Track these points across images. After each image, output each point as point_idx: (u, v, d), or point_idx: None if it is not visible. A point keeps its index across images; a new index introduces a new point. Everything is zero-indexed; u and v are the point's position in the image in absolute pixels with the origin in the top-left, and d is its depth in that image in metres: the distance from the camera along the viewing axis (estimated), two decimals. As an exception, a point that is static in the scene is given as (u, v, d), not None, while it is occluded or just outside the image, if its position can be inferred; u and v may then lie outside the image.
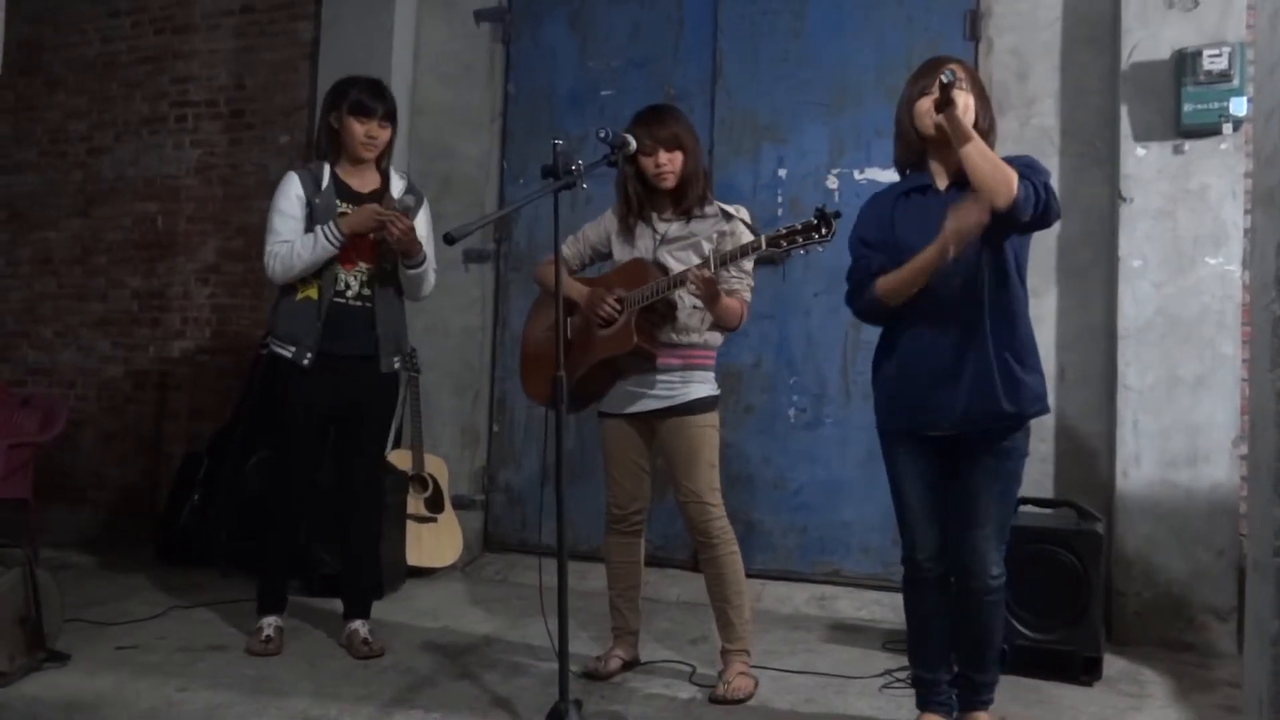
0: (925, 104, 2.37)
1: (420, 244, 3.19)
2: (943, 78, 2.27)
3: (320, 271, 3.14)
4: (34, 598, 2.94)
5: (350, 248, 3.14)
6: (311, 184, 3.17)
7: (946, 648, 2.54)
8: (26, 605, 2.93)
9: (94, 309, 5.43)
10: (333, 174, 3.22)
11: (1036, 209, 2.28)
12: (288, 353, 3.16)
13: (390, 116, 3.23)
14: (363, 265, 3.19)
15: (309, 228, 3.13)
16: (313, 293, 3.16)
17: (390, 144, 3.28)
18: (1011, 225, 2.31)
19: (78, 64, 5.56)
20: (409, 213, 3.15)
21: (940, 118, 2.31)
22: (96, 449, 5.34)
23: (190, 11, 5.31)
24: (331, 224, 3.09)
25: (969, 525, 2.41)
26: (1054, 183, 2.40)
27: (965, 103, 2.36)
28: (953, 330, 2.37)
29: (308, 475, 3.27)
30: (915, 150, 2.47)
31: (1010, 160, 2.32)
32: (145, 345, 5.32)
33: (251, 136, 5.16)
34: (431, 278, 3.33)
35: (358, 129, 3.17)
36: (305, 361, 3.14)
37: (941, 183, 2.44)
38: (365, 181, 3.26)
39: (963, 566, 2.44)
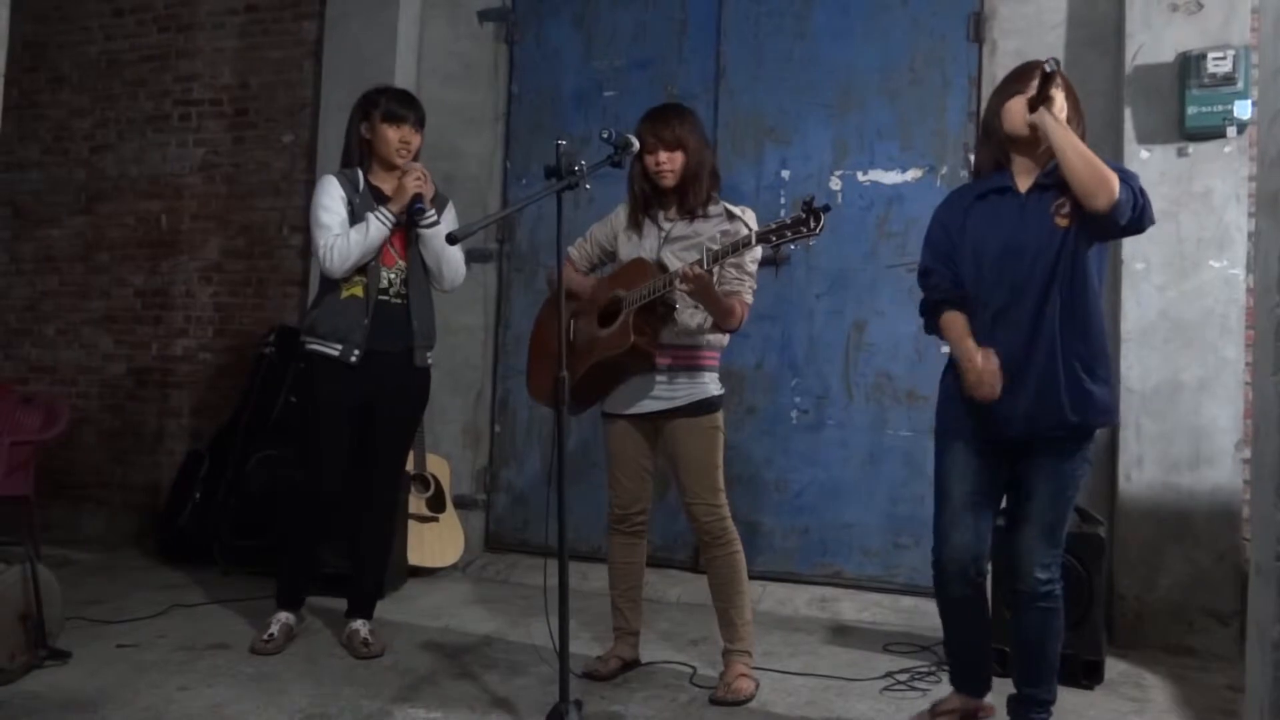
0: (1017, 103, 2.34)
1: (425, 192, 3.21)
2: (1046, 67, 2.24)
3: (364, 269, 3.16)
4: (35, 595, 2.94)
5: (388, 244, 3.19)
6: (350, 186, 3.21)
7: (986, 642, 2.53)
8: (28, 602, 2.93)
9: (96, 307, 5.44)
10: (366, 180, 3.26)
11: (1134, 212, 2.24)
12: (334, 351, 3.15)
13: (421, 123, 3.29)
14: (401, 263, 3.24)
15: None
16: (358, 290, 3.18)
17: (418, 152, 3.32)
18: (1107, 228, 2.29)
19: (81, 62, 5.56)
20: (434, 205, 3.24)
21: (1034, 117, 2.28)
22: (98, 447, 5.34)
23: (194, 10, 5.31)
24: (380, 208, 3.14)
25: (1017, 524, 2.39)
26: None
27: (1061, 103, 2.33)
28: (1023, 335, 2.32)
29: (340, 472, 3.26)
30: (1000, 152, 2.44)
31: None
32: (148, 343, 5.32)
33: (255, 135, 5.16)
34: (459, 265, 3.31)
35: (392, 135, 3.21)
36: (354, 359, 3.15)
37: (1024, 184, 2.40)
38: (393, 189, 3.28)
39: (1010, 568, 2.42)
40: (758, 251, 2.87)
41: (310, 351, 3.20)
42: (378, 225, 3.12)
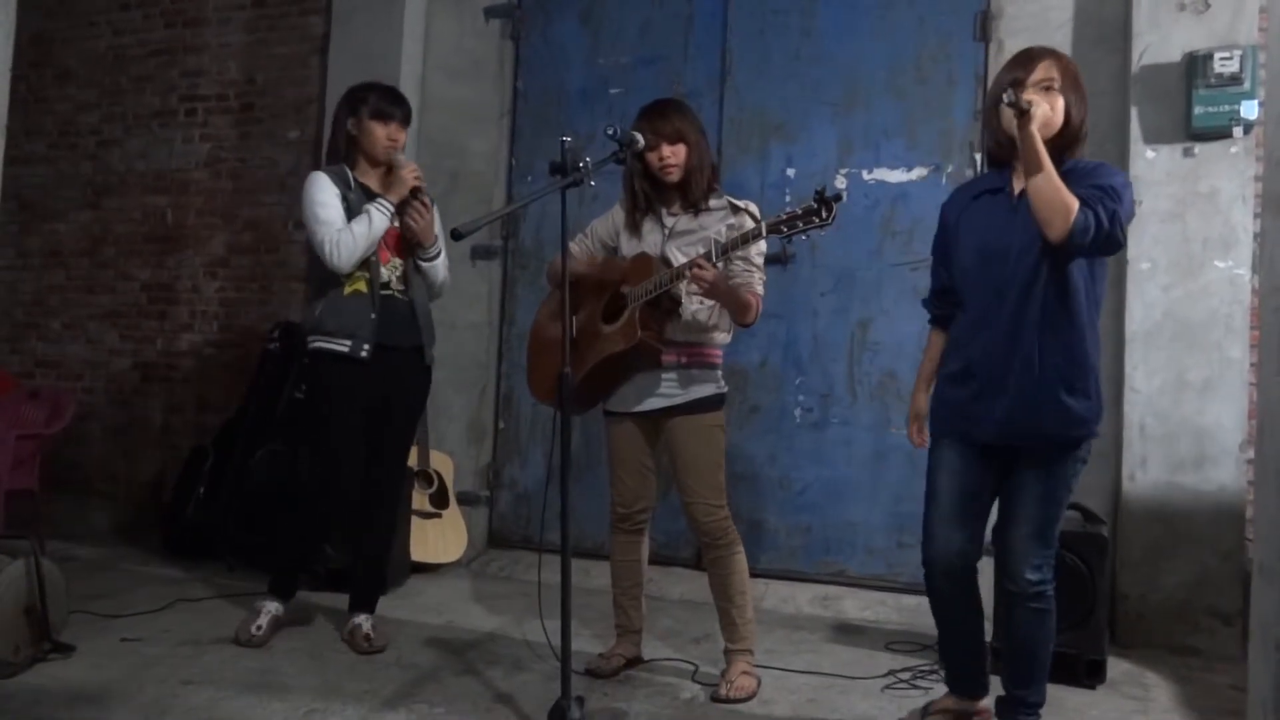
0: (1007, 108, 2.24)
1: (434, 232, 3.27)
2: (1005, 99, 2.14)
3: (365, 264, 3.17)
4: (40, 589, 2.95)
5: (383, 241, 3.19)
6: (341, 182, 3.21)
7: (977, 643, 2.54)
8: (32, 596, 2.93)
9: (102, 301, 5.45)
10: (354, 177, 3.26)
11: (1096, 238, 2.18)
12: (343, 347, 3.14)
13: (408, 120, 3.28)
14: (396, 260, 3.25)
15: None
16: (362, 286, 3.18)
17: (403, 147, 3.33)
18: (1070, 252, 2.25)
19: (88, 57, 5.57)
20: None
21: (1016, 131, 2.21)
22: (103, 441, 5.35)
23: (201, 5, 5.32)
24: (380, 200, 3.15)
25: (1007, 524, 2.39)
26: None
27: (1045, 112, 2.23)
28: (1002, 339, 2.31)
29: (359, 470, 3.24)
30: (1003, 145, 2.36)
31: (1092, 173, 2.24)
32: (153, 338, 5.34)
33: (261, 131, 5.17)
34: (446, 274, 3.38)
35: (380, 132, 3.21)
36: (364, 353, 3.14)
37: (1019, 184, 2.33)
38: (380, 185, 3.28)
39: (1000, 567, 2.41)
40: (763, 244, 2.85)
41: (317, 350, 3.19)
42: (380, 217, 3.13)
